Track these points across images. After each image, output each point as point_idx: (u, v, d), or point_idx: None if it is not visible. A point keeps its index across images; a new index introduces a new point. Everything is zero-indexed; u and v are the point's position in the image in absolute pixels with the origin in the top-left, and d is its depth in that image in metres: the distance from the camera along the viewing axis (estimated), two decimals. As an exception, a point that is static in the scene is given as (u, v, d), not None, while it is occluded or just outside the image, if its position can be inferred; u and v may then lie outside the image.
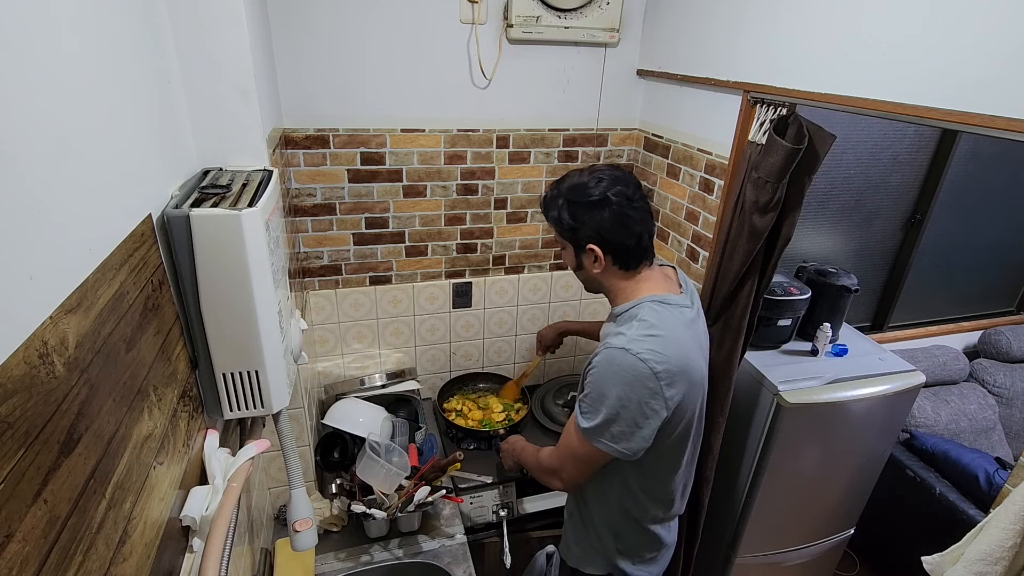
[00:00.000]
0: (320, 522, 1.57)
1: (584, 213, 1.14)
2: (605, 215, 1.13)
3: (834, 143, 1.26)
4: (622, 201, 1.13)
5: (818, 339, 1.79)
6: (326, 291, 1.91)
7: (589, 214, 1.14)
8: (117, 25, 0.74)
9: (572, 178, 1.18)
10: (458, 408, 2.05)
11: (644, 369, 1.07)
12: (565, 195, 1.16)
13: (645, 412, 1.09)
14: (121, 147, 0.73)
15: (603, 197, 1.12)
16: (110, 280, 0.65)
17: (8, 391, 0.44)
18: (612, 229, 1.14)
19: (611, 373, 1.09)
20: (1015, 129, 0.89)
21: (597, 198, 1.13)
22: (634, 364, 1.07)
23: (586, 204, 1.14)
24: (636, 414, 1.09)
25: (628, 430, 1.11)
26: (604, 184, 1.13)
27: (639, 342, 1.09)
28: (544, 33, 1.71)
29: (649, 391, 1.08)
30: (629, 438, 1.11)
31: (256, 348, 0.94)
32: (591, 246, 1.15)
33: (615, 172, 1.17)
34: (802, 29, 1.28)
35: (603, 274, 1.19)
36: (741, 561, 1.87)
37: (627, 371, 1.07)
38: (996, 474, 2.02)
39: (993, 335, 2.75)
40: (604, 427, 1.11)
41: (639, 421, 1.10)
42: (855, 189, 2.31)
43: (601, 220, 1.13)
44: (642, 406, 1.09)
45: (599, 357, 1.12)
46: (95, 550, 0.57)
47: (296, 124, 1.65)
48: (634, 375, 1.07)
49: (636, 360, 1.07)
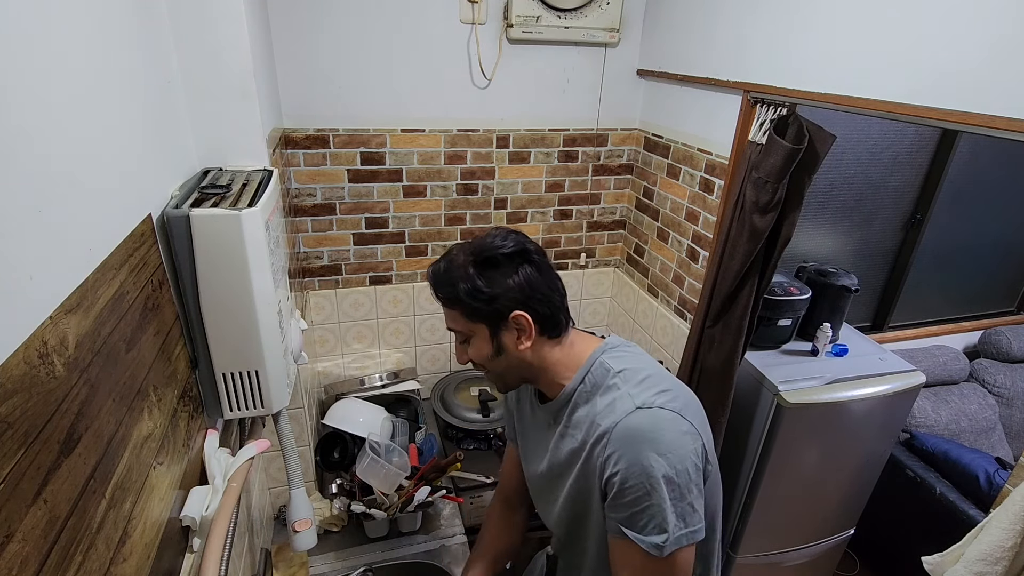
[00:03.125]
0: (320, 522, 1.57)
1: (501, 274, 0.88)
2: (527, 271, 0.89)
3: (834, 143, 1.26)
4: (538, 251, 0.92)
5: (818, 339, 1.79)
6: (326, 291, 1.91)
7: (507, 274, 0.88)
8: (117, 25, 0.74)
9: (463, 248, 0.92)
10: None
11: (668, 415, 0.84)
12: (469, 258, 0.89)
13: (697, 464, 0.84)
14: (121, 147, 0.73)
15: (520, 248, 0.89)
16: (110, 280, 0.65)
17: (8, 391, 0.44)
18: (537, 286, 0.89)
19: (644, 447, 0.82)
20: (1015, 129, 0.89)
21: (512, 249, 0.88)
22: (658, 417, 0.84)
23: (503, 259, 0.88)
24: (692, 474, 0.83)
25: (695, 497, 0.83)
26: (510, 237, 0.90)
27: (642, 393, 0.86)
28: (544, 33, 1.71)
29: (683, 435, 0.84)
30: (695, 508, 0.83)
31: (256, 348, 0.94)
32: (516, 314, 0.88)
33: (502, 229, 0.93)
34: (802, 29, 1.28)
35: (533, 350, 0.91)
36: (741, 561, 1.87)
37: (658, 430, 0.83)
38: (996, 474, 2.02)
39: (993, 335, 2.75)
40: (677, 520, 0.82)
41: (696, 480, 0.84)
42: (855, 189, 2.31)
43: (525, 277, 0.88)
44: (690, 458, 0.83)
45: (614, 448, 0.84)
46: (95, 550, 0.57)
47: (296, 124, 1.65)
48: (666, 427, 0.83)
49: (658, 411, 0.84)
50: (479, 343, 0.92)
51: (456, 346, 0.98)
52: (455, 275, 0.89)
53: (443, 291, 0.91)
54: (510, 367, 0.94)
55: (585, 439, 0.90)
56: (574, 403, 0.94)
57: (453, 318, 0.93)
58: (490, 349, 0.92)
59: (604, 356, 0.93)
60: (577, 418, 0.93)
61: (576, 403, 0.93)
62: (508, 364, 0.94)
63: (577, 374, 0.93)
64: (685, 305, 1.83)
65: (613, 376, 0.90)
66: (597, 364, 0.93)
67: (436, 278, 0.92)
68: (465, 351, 0.96)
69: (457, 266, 0.89)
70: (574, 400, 0.94)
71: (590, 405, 0.91)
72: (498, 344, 0.91)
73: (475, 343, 0.93)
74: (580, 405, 0.93)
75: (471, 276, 0.88)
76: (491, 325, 0.90)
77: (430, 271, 0.93)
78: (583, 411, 0.92)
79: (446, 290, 0.90)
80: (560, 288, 0.93)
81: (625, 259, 2.19)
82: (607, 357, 0.93)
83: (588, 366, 0.93)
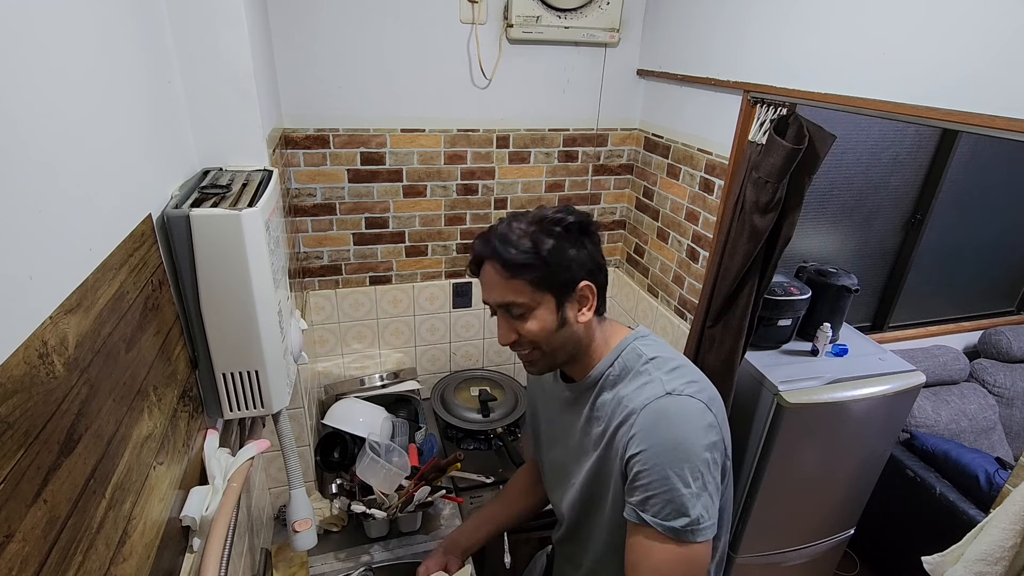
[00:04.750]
0: (320, 522, 1.57)
1: (570, 243, 0.85)
2: (592, 242, 0.88)
3: (834, 143, 1.26)
4: (594, 222, 0.90)
5: (818, 339, 1.79)
6: (326, 291, 1.91)
7: (575, 243, 0.86)
8: (117, 25, 0.74)
9: (518, 217, 0.88)
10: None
11: (697, 405, 0.83)
12: (535, 227, 0.85)
13: (716, 459, 0.84)
14: (121, 147, 0.73)
15: (583, 219, 0.87)
16: (110, 280, 0.65)
17: (8, 391, 0.44)
18: (599, 259, 0.89)
19: (669, 432, 0.82)
20: (1015, 129, 0.89)
21: (577, 219, 0.86)
22: (687, 405, 0.83)
23: (571, 229, 0.85)
24: (712, 467, 0.83)
25: (712, 491, 0.82)
26: (570, 209, 0.88)
27: (673, 380, 0.86)
28: (544, 33, 1.71)
29: (708, 427, 0.83)
30: (713, 501, 0.83)
31: (256, 348, 0.94)
32: (585, 284, 0.86)
33: (550, 206, 0.91)
34: (802, 29, 1.28)
35: (586, 326, 0.90)
36: (741, 561, 1.87)
37: (686, 418, 0.83)
38: (996, 474, 2.02)
39: (993, 335, 2.75)
40: (702, 510, 0.81)
41: (714, 474, 0.83)
42: (855, 189, 2.31)
43: (590, 248, 0.88)
44: (712, 451, 0.83)
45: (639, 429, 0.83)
46: (95, 550, 0.57)
47: (296, 124, 1.65)
48: (694, 417, 0.83)
49: (688, 400, 0.83)
50: (543, 315, 0.86)
51: (503, 323, 0.90)
52: (529, 240, 0.83)
53: (512, 256, 0.83)
54: (566, 342, 0.90)
55: (610, 422, 0.89)
56: (601, 386, 0.93)
57: (514, 289, 0.85)
58: (555, 321, 0.87)
59: (637, 342, 0.93)
60: (603, 401, 0.92)
61: (603, 386, 0.92)
62: (565, 339, 0.89)
63: (607, 356, 0.92)
64: (685, 305, 1.83)
65: (645, 362, 0.89)
66: (630, 349, 0.92)
67: (503, 242, 0.83)
68: (515, 328, 0.88)
69: (523, 233, 0.84)
70: (601, 383, 0.93)
71: (618, 388, 0.90)
72: (563, 316, 0.87)
73: (539, 315, 0.86)
74: (607, 388, 0.92)
75: (548, 241, 0.83)
76: (559, 295, 0.86)
77: (488, 238, 0.86)
78: (609, 394, 0.91)
79: (516, 256, 0.83)
80: (606, 266, 0.92)
81: (625, 259, 2.19)
82: (640, 344, 0.93)
83: (620, 350, 0.92)
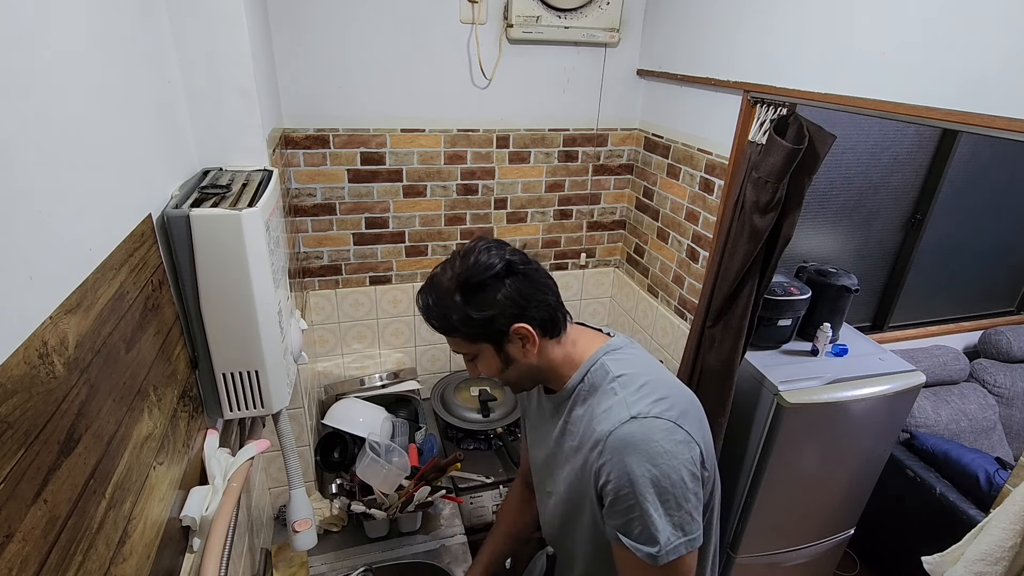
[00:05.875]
0: (320, 522, 1.57)
1: (490, 293, 0.87)
2: (515, 282, 0.88)
3: (834, 143, 1.26)
4: (522, 258, 0.91)
5: (818, 339, 1.79)
6: (326, 291, 1.91)
7: (496, 290, 0.87)
8: (117, 25, 0.74)
9: (446, 271, 0.90)
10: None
11: (662, 425, 0.84)
12: (457, 287, 0.88)
13: (694, 472, 0.85)
14: (121, 147, 0.73)
15: (503, 263, 0.88)
16: (110, 280, 0.65)
17: (8, 391, 0.44)
18: (529, 294, 0.89)
19: (636, 458, 0.83)
20: (1015, 129, 0.89)
21: (499, 266, 0.87)
22: (652, 427, 0.84)
23: (491, 281, 0.87)
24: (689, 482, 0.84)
25: (691, 507, 0.84)
26: (492, 253, 0.89)
27: (639, 402, 0.87)
28: (544, 33, 1.71)
29: (678, 444, 0.84)
30: (693, 516, 0.85)
31: (256, 348, 0.94)
32: (516, 327, 0.89)
33: (481, 241, 0.92)
34: (802, 29, 1.28)
35: (539, 355, 0.93)
36: (741, 561, 1.87)
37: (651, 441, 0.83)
38: (996, 474, 2.02)
39: (993, 335, 2.75)
40: (675, 529, 0.83)
41: (694, 488, 0.85)
42: (855, 189, 2.31)
43: (515, 289, 0.88)
44: (685, 467, 0.84)
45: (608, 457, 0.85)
46: (95, 550, 0.57)
47: (296, 124, 1.65)
48: (660, 438, 0.84)
49: (652, 422, 0.85)
50: (487, 359, 0.94)
51: (466, 363, 0.99)
52: (445, 307, 0.89)
53: (438, 323, 0.91)
54: (522, 374, 0.96)
55: (583, 441, 0.92)
56: (574, 400, 0.96)
57: (455, 343, 0.94)
58: (499, 363, 0.94)
59: (605, 358, 0.94)
60: (576, 415, 0.95)
61: (576, 400, 0.95)
62: (519, 372, 0.95)
63: (577, 372, 0.95)
64: (685, 305, 1.83)
65: (611, 380, 0.91)
66: (598, 365, 0.94)
67: (428, 313, 0.92)
68: (476, 367, 0.97)
69: (444, 294, 0.89)
70: (574, 397, 0.96)
71: (588, 406, 0.93)
72: (505, 357, 0.93)
73: (483, 360, 0.94)
74: (579, 403, 0.95)
75: (460, 306, 0.88)
76: (494, 342, 0.92)
77: (420, 305, 0.93)
78: (581, 410, 0.94)
79: (441, 322, 0.91)
80: (552, 287, 0.94)
81: (625, 259, 2.19)
82: (608, 359, 0.94)
83: (588, 366, 0.94)
